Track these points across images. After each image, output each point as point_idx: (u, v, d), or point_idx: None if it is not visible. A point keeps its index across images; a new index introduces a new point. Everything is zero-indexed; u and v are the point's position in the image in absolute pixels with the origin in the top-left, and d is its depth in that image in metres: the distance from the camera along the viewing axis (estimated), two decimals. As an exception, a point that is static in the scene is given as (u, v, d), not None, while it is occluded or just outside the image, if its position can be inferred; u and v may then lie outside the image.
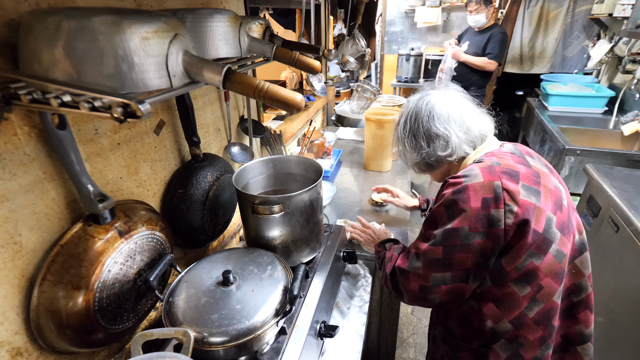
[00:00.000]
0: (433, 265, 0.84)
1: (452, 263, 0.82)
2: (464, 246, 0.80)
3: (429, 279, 0.85)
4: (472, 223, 0.79)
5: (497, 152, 0.89)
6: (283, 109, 0.55)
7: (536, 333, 0.84)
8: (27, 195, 0.59)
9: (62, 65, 0.45)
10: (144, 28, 0.47)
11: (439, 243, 0.83)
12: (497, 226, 0.77)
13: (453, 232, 0.81)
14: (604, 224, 1.68)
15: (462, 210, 0.79)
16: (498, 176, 0.79)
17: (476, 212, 0.78)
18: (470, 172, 0.82)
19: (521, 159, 0.86)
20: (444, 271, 0.83)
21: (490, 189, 0.78)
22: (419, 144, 0.93)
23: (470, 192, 0.79)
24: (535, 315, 0.83)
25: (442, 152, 0.91)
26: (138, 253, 0.74)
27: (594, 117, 2.83)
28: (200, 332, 0.68)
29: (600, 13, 3.13)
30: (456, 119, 0.89)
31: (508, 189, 0.78)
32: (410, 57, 3.76)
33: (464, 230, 0.79)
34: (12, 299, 0.59)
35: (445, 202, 0.83)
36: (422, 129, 0.92)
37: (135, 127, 0.80)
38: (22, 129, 0.57)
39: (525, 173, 0.82)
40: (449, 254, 0.82)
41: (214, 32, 0.70)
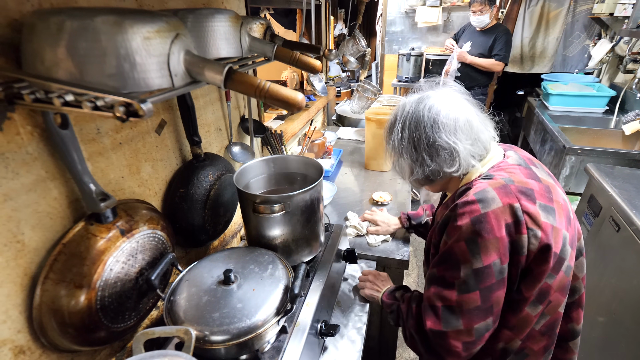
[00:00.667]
0: (474, 315, 0.74)
1: (492, 305, 0.74)
2: (499, 282, 0.72)
3: (472, 333, 0.75)
4: (502, 254, 0.71)
5: (504, 166, 0.81)
6: (284, 108, 0.55)
7: (541, 343, 0.83)
8: (30, 194, 0.59)
9: (65, 65, 0.45)
10: (146, 28, 0.47)
11: (473, 288, 0.73)
12: (520, 253, 0.71)
13: (487, 271, 0.71)
14: (605, 224, 1.68)
15: (489, 242, 0.70)
16: (516, 197, 0.72)
17: (502, 242, 0.71)
18: (485, 194, 0.73)
19: (529, 172, 0.81)
20: (486, 318, 0.74)
21: (511, 213, 0.71)
22: (420, 156, 0.82)
23: (492, 219, 0.71)
24: (541, 328, 0.81)
25: (448, 167, 0.80)
26: (140, 252, 0.74)
27: (595, 117, 2.82)
28: (202, 330, 0.68)
29: (601, 12, 3.13)
30: (463, 128, 0.78)
31: (528, 211, 0.72)
32: (410, 57, 3.76)
33: (497, 265, 0.71)
34: (15, 298, 0.59)
35: (464, 236, 0.73)
36: (424, 140, 0.80)
37: (136, 127, 0.80)
38: (25, 129, 0.57)
39: (539, 190, 0.76)
40: (488, 297, 0.73)
41: (215, 32, 0.70)
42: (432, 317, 0.78)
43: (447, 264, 0.77)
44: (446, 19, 3.94)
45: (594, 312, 1.66)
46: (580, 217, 1.96)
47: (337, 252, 1.10)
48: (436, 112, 0.79)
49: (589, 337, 1.68)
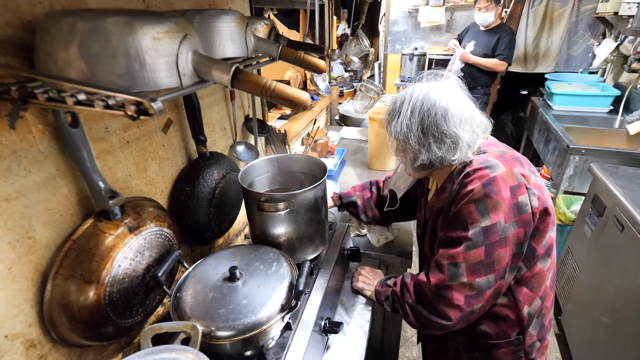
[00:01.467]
0: (477, 269, 0.79)
1: (494, 262, 0.79)
2: (502, 240, 0.78)
3: (474, 286, 0.80)
4: (506, 214, 0.77)
5: (489, 142, 0.90)
6: (290, 107, 0.56)
7: (551, 297, 0.90)
8: (41, 192, 0.61)
9: (77, 65, 0.46)
10: (155, 29, 0.48)
11: (480, 243, 0.78)
12: (525, 211, 0.78)
13: (492, 228, 0.77)
14: (609, 224, 1.67)
15: (496, 202, 0.77)
16: (512, 163, 0.81)
17: (508, 203, 0.77)
18: (489, 162, 0.81)
19: (506, 148, 0.90)
20: (487, 274, 0.79)
21: (513, 176, 0.79)
22: (427, 142, 0.84)
23: (500, 182, 0.78)
24: (550, 282, 0.89)
25: (451, 155, 0.83)
26: (147, 249, 0.76)
27: (599, 117, 2.81)
28: (208, 326, 0.69)
29: (605, 12, 3.11)
30: (468, 119, 0.83)
31: (523, 174, 0.80)
32: (413, 56, 3.77)
33: (501, 223, 0.77)
34: (27, 293, 0.60)
35: (474, 198, 0.78)
36: (433, 126, 0.82)
37: (144, 126, 0.82)
38: (37, 127, 0.59)
39: (522, 158, 0.86)
40: (490, 253, 0.78)
41: (221, 32, 0.71)
42: (437, 273, 0.84)
43: (454, 226, 0.82)
44: (449, 18, 3.94)
45: (597, 312, 1.66)
46: (583, 217, 1.95)
47: (341, 251, 1.11)
48: (447, 102, 0.82)
49: (593, 337, 1.68)
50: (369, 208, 1.30)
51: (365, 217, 1.31)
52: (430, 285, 0.84)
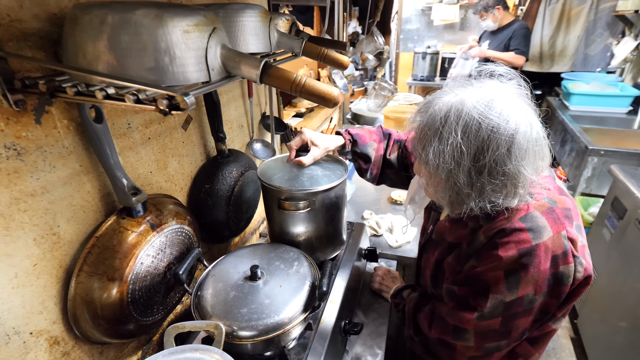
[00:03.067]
0: (488, 337, 0.69)
1: (511, 330, 0.68)
2: (526, 311, 0.66)
3: (480, 350, 0.71)
4: (538, 286, 0.63)
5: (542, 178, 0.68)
6: (320, 104, 0.55)
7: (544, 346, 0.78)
8: (65, 188, 0.60)
9: (106, 58, 0.45)
10: (185, 21, 0.47)
11: (496, 315, 0.66)
12: (565, 283, 0.64)
13: (517, 302, 0.65)
14: (631, 226, 1.62)
15: (531, 276, 0.62)
16: (563, 224, 0.64)
17: (545, 275, 0.63)
18: (535, 222, 0.64)
19: (558, 187, 0.72)
20: (500, 340, 0.70)
21: (560, 243, 0.63)
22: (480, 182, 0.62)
23: (542, 252, 0.62)
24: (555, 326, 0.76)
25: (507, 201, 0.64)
26: (168, 246, 0.75)
27: (618, 117, 2.74)
28: (230, 325, 0.68)
29: (625, 10, 3.03)
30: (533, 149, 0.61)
31: (572, 237, 0.64)
32: (426, 55, 3.72)
33: (529, 296, 0.64)
34: (51, 289, 0.60)
35: (505, 267, 0.64)
36: (493, 162, 0.60)
37: (164, 122, 0.81)
38: (62, 122, 0.58)
39: (569, 205, 0.68)
40: (508, 323, 0.67)
41: (244, 27, 0.70)
42: (439, 328, 0.74)
43: (473, 288, 0.69)
44: (463, 16, 3.89)
45: (617, 317, 1.62)
46: (602, 220, 1.90)
47: (359, 251, 1.10)
48: (515, 126, 0.59)
49: (611, 342, 1.63)
50: (376, 166, 1.03)
51: (369, 175, 1.04)
52: (432, 335, 0.76)
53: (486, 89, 0.64)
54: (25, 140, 0.53)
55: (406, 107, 2.16)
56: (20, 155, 0.52)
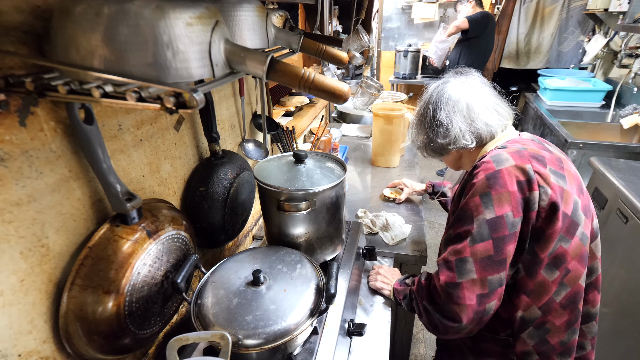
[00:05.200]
0: (487, 265, 0.76)
1: (505, 258, 0.76)
2: (512, 235, 0.76)
3: (485, 284, 0.76)
4: (514, 208, 0.76)
5: (518, 139, 0.88)
6: (329, 100, 0.52)
7: (563, 317, 0.83)
8: (54, 195, 0.56)
9: (103, 53, 0.41)
10: (188, 13, 0.44)
11: (486, 236, 0.76)
12: (532, 209, 0.76)
13: (499, 221, 0.76)
14: (612, 216, 1.69)
15: (501, 195, 0.76)
16: (528, 160, 0.79)
17: (514, 196, 0.76)
18: (500, 156, 0.80)
19: (542, 146, 0.87)
20: (500, 271, 0.76)
21: (523, 172, 0.77)
22: (424, 129, 0.96)
23: (505, 175, 0.77)
24: (562, 300, 0.81)
25: (441, 139, 0.91)
26: (165, 254, 0.71)
27: (592, 111, 2.86)
28: (235, 334, 0.65)
29: (595, 8, 3.17)
30: (462, 109, 0.89)
31: (539, 172, 0.77)
32: (408, 53, 3.76)
33: (509, 216, 0.75)
34: (40, 306, 0.55)
35: (479, 190, 0.78)
36: (428, 115, 0.93)
37: (156, 123, 0.76)
38: (49, 124, 0.54)
39: (550, 158, 0.82)
40: (501, 248, 0.76)
41: (241, 21, 0.67)
42: (446, 271, 0.80)
43: (461, 221, 0.81)
44: (442, 15, 3.95)
45: (602, 304, 1.67)
46: (584, 210, 1.98)
47: (357, 250, 1.08)
48: (441, 94, 0.91)
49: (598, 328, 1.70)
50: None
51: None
52: (441, 283, 0.80)
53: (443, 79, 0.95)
54: (8, 144, 0.48)
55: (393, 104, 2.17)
56: (3, 161, 0.48)
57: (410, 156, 2.05)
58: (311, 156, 0.97)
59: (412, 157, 2.05)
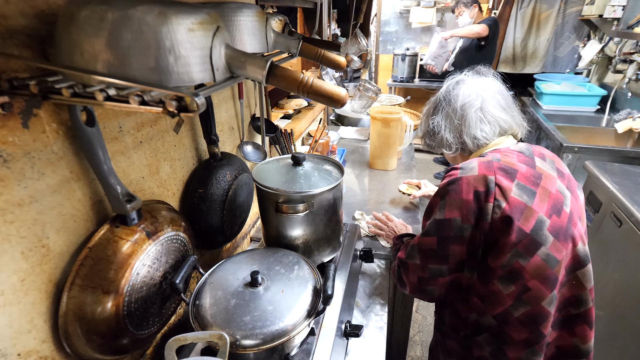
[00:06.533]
0: (429, 256, 0.85)
1: (448, 255, 0.83)
2: (457, 237, 0.81)
3: (426, 271, 0.87)
4: (463, 215, 0.79)
5: (503, 149, 0.88)
6: (327, 104, 0.54)
7: (521, 334, 0.82)
8: (55, 196, 0.56)
9: (106, 57, 0.42)
10: (190, 19, 0.45)
11: (432, 233, 0.84)
12: (485, 220, 0.78)
13: (446, 223, 0.81)
14: (606, 220, 1.71)
15: (454, 201, 0.80)
16: (493, 171, 0.80)
17: (467, 204, 0.79)
18: (468, 165, 0.83)
19: (528, 159, 0.85)
20: (441, 264, 0.84)
21: (484, 183, 0.79)
22: (423, 124, 1.04)
23: (464, 184, 0.80)
24: (520, 316, 0.81)
25: (429, 140, 1.01)
26: (164, 255, 0.72)
27: (587, 116, 2.89)
28: (233, 334, 0.66)
29: (590, 14, 3.21)
30: (456, 119, 0.92)
31: (501, 184, 0.78)
32: (405, 57, 3.79)
33: (457, 221, 0.80)
34: (40, 306, 0.56)
35: (440, 193, 0.85)
36: (428, 114, 1.00)
37: (156, 125, 0.77)
38: (51, 126, 0.54)
39: (525, 172, 0.81)
40: (444, 246, 0.83)
41: (241, 26, 0.68)
42: (403, 251, 0.94)
43: (425, 215, 0.91)
44: (440, 19, 3.98)
45: (597, 306, 1.69)
46: (579, 214, 2.00)
47: (354, 252, 1.09)
48: (447, 99, 0.95)
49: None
50: None
51: None
52: (398, 256, 0.95)
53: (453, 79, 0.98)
54: (11, 145, 0.49)
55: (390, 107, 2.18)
56: (6, 162, 0.48)
57: (407, 159, 2.07)
58: (309, 159, 0.98)
59: (410, 159, 2.07)
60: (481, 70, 0.98)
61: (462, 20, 3.17)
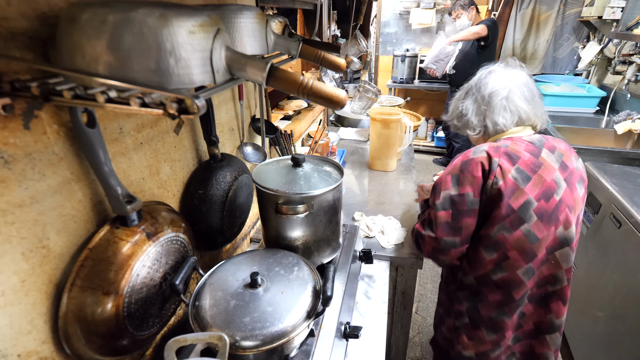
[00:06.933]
0: (444, 229, 0.98)
1: (461, 227, 0.96)
2: (470, 211, 0.95)
3: (440, 243, 0.99)
4: (475, 190, 0.94)
5: (516, 139, 0.99)
6: (327, 106, 0.54)
7: (495, 296, 0.99)
8: (55, 197, 0.56)
9: (107, 59, 0.42)
10: (191, 22, 0.45)
11: (448, 207, 0.97)
12: (485, 194, 0.94)
13: (460, 198, 0.95)
14: (606, 221, 1.71)
15: (467, 178, 0.95)
16: (499, 155, 0.94)
17: (477, 181, 0.94)
18: (480, 148, 0.98)
19: (535, 149, 0.96)
20: (454, 236, 0.97)
21: (489, 163, 0.94)
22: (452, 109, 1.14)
23: (474, 163, 0.95)
24: (497, 280, 0.98)
25: (457, 122, 1.11)
26: (164, 256, 0.72)
27: (587, 117, 2.90)
28: (233, 335, 0.66)
29: (590, 15, 3.21)
30: (483, 105, 1.03)
31: (502, 166, 0.93)
32: (405, 58, 3.80)
33: (469, 196, 0.94)
34: (40, 307, 0.56)
35: (452, 170, 0.98)
36: (460, 98, 1.10)
37: (157, 126, 0.78)
38: (52, 127, 0.55)
39: (527, 160, 0.94)
40: (457, 218, 0.96)
41: (242, 28, 0.68)
42: (420, 223, 1.07)
43: (435, 191, 1.02)
44: (440, 20, 3.99)
45: (596, 307, 1.70)
46: (578, 215, 2.00)
47: (354, 253, 1.09)
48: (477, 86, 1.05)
49: (592, 332, 1.71)
50: None
51: None
52: (416, 227, 1.08)
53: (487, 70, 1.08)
54: (13, 147, 0.49)
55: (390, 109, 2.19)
56: (7, 163, 0.49)
57: (407, 160, 2.07)
58: (309, 160, 0.99)
59: (409, 160, 2.07)
60: (511, 63, 1.08)
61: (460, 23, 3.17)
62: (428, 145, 4.38)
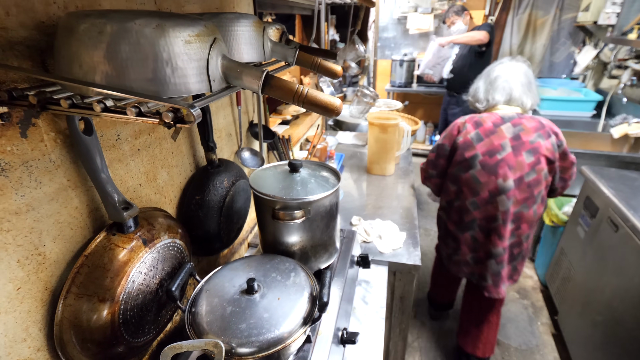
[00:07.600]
0: (429, 163, 1.60)
1: (438, 165, 1.56)
2: (444, 156, 1.53)
3: (428, 171, 1.63)
4: (449, 142, 1.51)
5: (494, 113, 1.45)
6: (322, 114, 0.54)
7: (455, 217, 1.54)
8: (52, 204, 0.57)
9: (105, 69, 0.43)
10: (187, 31, 0.46)
11: (434, 150, 1.57)
12: (453, 145, 1.49)
13: (441, 146, 1.53)
14: (603, 224, 1.72)
15: (447, 134, 1.51)
16: (471, 122, 1.44)
17: (452, 137, 1.49)
18: (465, 117, 1.49)
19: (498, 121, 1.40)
20: (434, 169, 1.58)
21: (462, 124, 1.46)
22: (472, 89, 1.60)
23: (454, 125, 1.50)
24: (456, 206, 1.52)
25: (472, 97, 1.57)
26: (160, 262, 0.72)
27: (583, 121, 2.91)
28: (229, 342, 0.66)
29: (585, 21, 3.24)
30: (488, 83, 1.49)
31: (467, 129, 1.44)
32: (403, 62, 3.82)
33: (445, 146, 1.51)
34: (36, 314, 0.56)
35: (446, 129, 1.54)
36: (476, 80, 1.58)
37: (154, 133, 0.78)
38: (49, 135, 0.55)
39: (486, 128, 1.40)
40: (437, 159, 1.56)
41: (239, 36, 0.69)
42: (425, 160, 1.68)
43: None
44: (437, 25, 4.02)
45: (595, 311, 1.70)
46: (576, 219, 2.00)
47: (351, 258, 1.09)
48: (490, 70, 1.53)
49: (591, 336, 1.71)
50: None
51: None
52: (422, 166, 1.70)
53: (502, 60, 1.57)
54: (10, 155, 0.49)
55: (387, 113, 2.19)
56: (4, 171, 0.49)
57: (405, 164, 2.08)
58: (306, 165, 0.99)
59: (407, 165, 2.07)
60: (516, 58, 1.52)
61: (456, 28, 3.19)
62: (426, 149, 4.39)
